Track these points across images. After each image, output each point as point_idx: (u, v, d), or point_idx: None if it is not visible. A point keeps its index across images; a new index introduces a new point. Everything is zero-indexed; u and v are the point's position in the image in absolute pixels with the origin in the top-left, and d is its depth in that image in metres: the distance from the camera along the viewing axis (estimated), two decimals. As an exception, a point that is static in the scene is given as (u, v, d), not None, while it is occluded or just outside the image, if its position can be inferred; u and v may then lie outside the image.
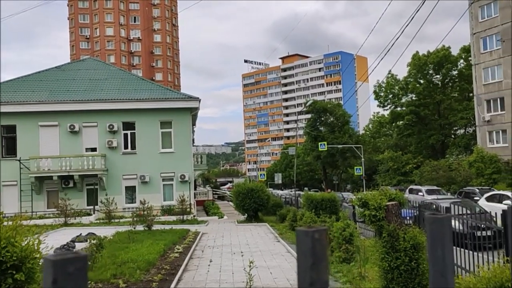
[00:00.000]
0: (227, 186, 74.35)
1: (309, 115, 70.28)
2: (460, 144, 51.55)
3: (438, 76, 56.21)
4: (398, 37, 16.98)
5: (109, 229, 18.98)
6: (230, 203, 41.79)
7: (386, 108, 61.25)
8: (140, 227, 18.46)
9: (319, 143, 49.54)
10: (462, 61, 54.36)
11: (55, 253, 1.03)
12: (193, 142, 35.89)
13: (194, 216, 26.82)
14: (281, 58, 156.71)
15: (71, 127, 28.44)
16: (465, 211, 9.21)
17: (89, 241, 12.16)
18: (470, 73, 45.28)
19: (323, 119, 65.55)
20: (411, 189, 32.02)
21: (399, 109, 58.64)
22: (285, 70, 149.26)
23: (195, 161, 32.56)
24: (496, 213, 8.44)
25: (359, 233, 12.87)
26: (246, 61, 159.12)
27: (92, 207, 27.39)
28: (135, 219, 18.91)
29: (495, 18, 39.02)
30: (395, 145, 58.22)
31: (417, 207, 11.62)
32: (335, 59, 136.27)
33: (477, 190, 27.16)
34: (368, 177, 52.18)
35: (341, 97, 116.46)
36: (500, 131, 38.75)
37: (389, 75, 57.14)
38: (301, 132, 77.29)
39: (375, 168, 56.16)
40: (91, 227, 22.20)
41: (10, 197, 27.52)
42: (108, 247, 12.65)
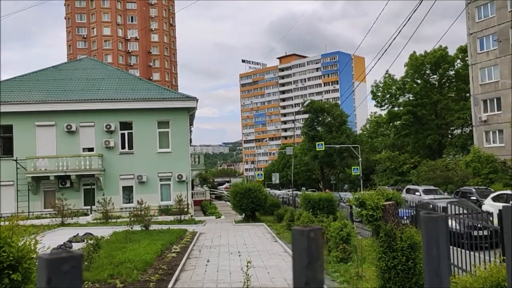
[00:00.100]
0: (224, 186, 74.29)
1: (306, 115, 70.38)
2: (457, 144, 51.66)
3: (435, 76, 56.33)
4: (395, 38, 17.00)
5: (106, 229, 18.96)
6: (227, 203, 41.75)
7: (383, 108, 61.38)
8: (137, 227, 18.43)
9: (317, 143, 49.61)
10: (459, 61, 54.48)
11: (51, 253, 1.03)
12: (191, 142, 35.84)
13: (191, 216, 26.79)
14: (278, 58, 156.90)
15: (68, 127, 28.36)
16: (462, 210, 9.24)
17: (86, 241, 12.13)
18: (467, 73, 45.40)
19: (320, 119, 65.65)
20: (408, 189, 32.06)
21: (396, 109, 58.73)
22: (282, 70, 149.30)
23: (192, 161, 32.52)
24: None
25: (356, 233, 12.89)
26: (243, 61, 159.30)
27: (89, 207, 27.33)
28: (132, 219, 18.88)
29: (491, 18, 39.15)
30: (392, 145, 58.29)
31: (414, 207, 11.65)
32: (332, 59, 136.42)
33: (473, 190, 27.29)
34: (365, 177, 52.22)
35: (338, 97, 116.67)
36: (496, 131, 38.89)
37: (387, 75, 57.26)
38: (298, 132, 77.40)
39: (372, 168, 56.23)
40: (88, 227, 22.16)
41: (6, 197, 27.43)
42: (105, 247, 12.63)
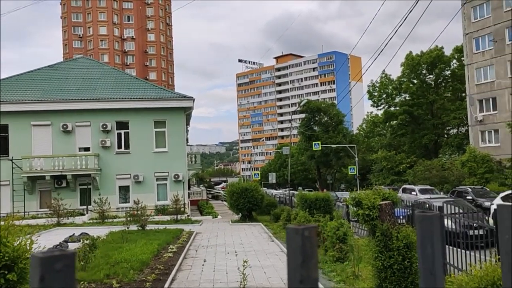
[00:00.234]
0: (221, 185, 74.22)
1: (303, 115, 70.42)
2: (452, 143, 51.82)
3: (431, 76, 56.47)
4: (391, 37, 17.04)
5: (103, 229, 18.90)
6: (224, 202, 41.75)
7: (379, 108, 61.48)
8: (133, 227, 18.41)
9: (313, 143, 49.59)
10: (455, 61, 54.64)
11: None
12: (187, 141, 35.80)
13: (188, 215, 26.77)
14: (275, 57, 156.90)
15: (64, 126, 28.26)
16: (458, 210, 9.27)
17: (82, 241, 12.09)
18: (462, 73, 45.55)
19: (317, 118, 65.70)
20: (404, 189, 32.13)
21: (392, 108, 58.84)
22: (279, 69, 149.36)
23: (189, 160, 32.49)
24: None
25: (352, 233, 12.92)
26: (240, 61, 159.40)
27: (85, 207, 27.26)
28: (128, 219, 18.85)
29: (487, 18, 39.30)
30: (388, 144, 58.40)
31: (410, 206, 11.67)
32: (329, 59, 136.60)
33: (469, 189, 27.48)
34: (362, 176, 52.32)
35: (335, 97, 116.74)
36: (492, 131, 39.06)
37: (383, 75, 57.34)
38: (295, 131, 77.40)
39: (369, 167, 56.33)
40: (84, 227, 22.09)
41: (2, 197, 27.29)
42: (101, 247, 12.60)
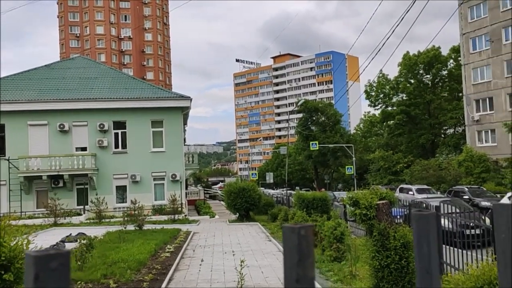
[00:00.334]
0: (218, 185, 74.22)
1: (300, 115, 70.49)
2: (449, 143, 51.97)
3: (428, 76, 56.62)
4: (388, 37, 17.07)
5: (100, 229, 18.87)
6: (221, 202, 41.72)
7: (377, 107, 61.59)
8: (131, 227, 18.37)
9: (311, 143, 49.66)
10: (452, 61, 54.80)
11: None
12: (185, 141, 35.73)
13: (185, 215, 26.74)
14: (272, 57, 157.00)
15: (61, 126, 28.18)
16: (455, 209, 9.30)
17: (79, 241, 12.04)
18: (459, 73, 45.69)
19: (314, 118, 65.78)
20: (401, 188, 32.18)
21: (390, 108, 58.96)
22: (276, 69, 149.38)
23: (186, 160, 32.45)
24: None
25: (350, 232, 12.93)
26: (237, 61, 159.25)
27: (82, 207, 27.19)
28: (126, 218, 18.82)
29: (484, 18, 39.42)
30: (386, 144, 58.51)
31: (408, 206, 11.70)
32: (326, 58, 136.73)
33: (466, 189, 27.58)
34: (359, 176, 52.40)
35: (332, 97, 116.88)
36: (489, 130, 39.19)
37: (380, 75, 57.47)
38: (292, 131, 77.49)
39: (366, 167, 56.41)
40: (81, 227, 22.04)
41: (-1, 197, 27.23)
42: (98, 247, 12.56)
